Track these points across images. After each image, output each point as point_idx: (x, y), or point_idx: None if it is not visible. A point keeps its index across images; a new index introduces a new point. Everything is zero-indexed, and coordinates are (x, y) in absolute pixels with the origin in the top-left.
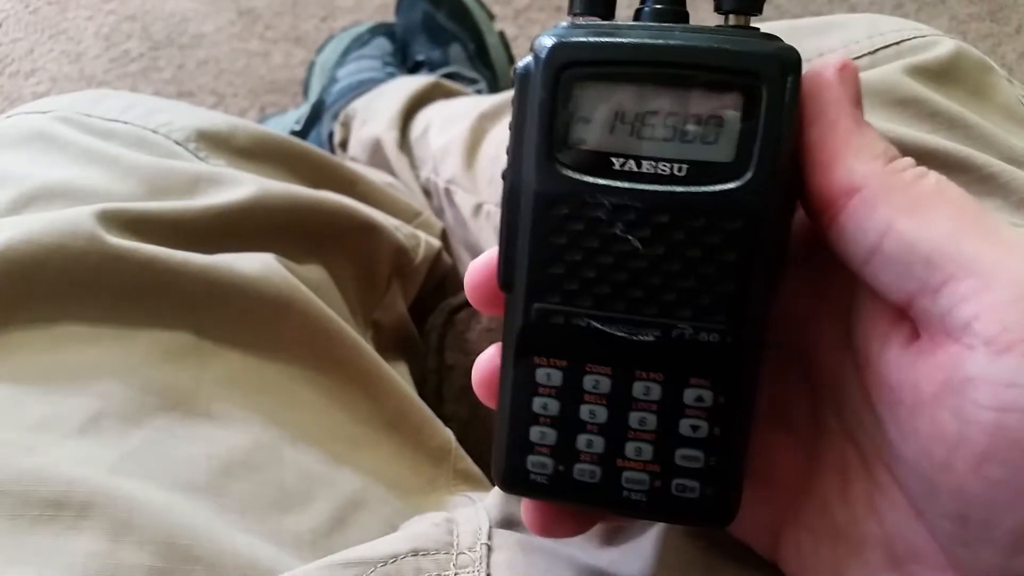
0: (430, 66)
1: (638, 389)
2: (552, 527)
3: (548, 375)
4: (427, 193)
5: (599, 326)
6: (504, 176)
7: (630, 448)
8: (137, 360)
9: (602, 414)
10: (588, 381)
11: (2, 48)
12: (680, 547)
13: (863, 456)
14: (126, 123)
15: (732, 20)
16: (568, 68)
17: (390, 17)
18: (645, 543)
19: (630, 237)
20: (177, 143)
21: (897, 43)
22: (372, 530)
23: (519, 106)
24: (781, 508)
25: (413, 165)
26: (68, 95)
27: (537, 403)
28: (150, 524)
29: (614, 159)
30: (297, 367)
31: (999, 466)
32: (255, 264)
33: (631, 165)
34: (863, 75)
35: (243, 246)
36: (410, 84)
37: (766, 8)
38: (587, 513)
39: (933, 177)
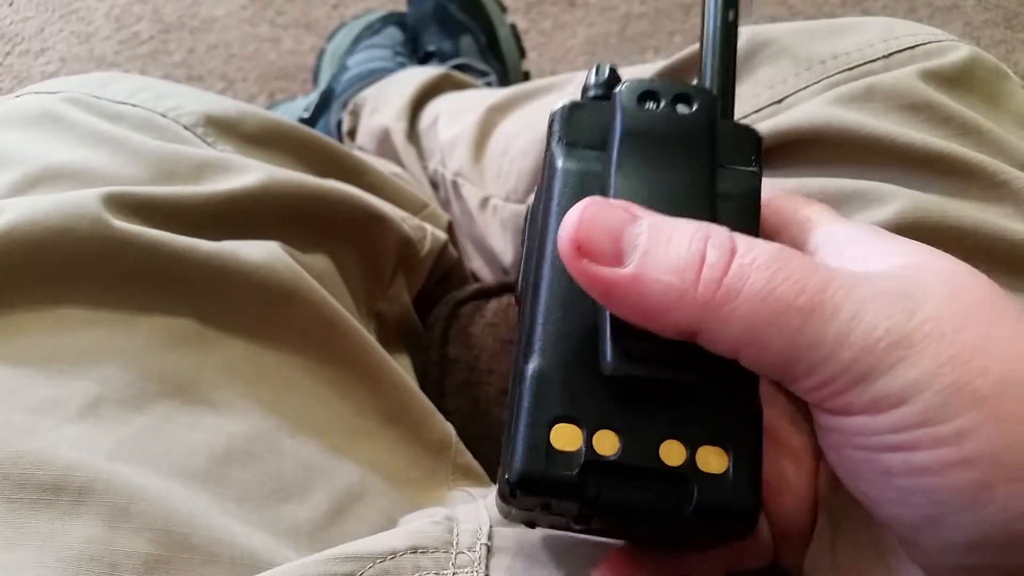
0: (441, 57)
1: None
2: None
3: None
4: (434, 185)
5: None
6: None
7: None
8: (139, 345)
9: None
10: None
11: (13, 26)
12: None
13: None
14: (135, 106)
15: None
16: None
17: (401, 5)
18: None
19: None
20: (185, 127)
21: (912, 47)
22: (370, 523)
23: None
24: (807, 520)
25: (421, 156)
26: (78, 76)
27: None
28: (148, 511)
29: None
30: (299, 356)
31: (869, 486)
32: (260, 252)
33: None
34: (877, 78)
35: (249, 233)
36: (420, 75)
37: (778, 8)
38: None
39: (754, 277)
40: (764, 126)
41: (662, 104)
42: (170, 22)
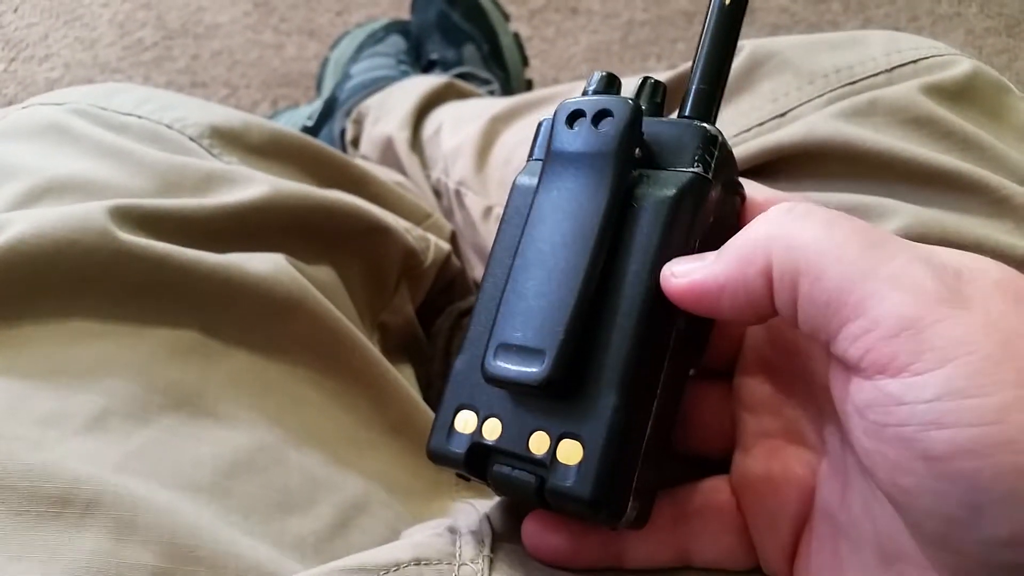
0: (444, 65)
1: None
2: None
3: None
4: (437, 194)
5: None
6: None
7: None
8: (144, 358)
9: None
10: None
11: (17, 33)
12: None
13: (860, 461)
14: (140, 117)
15: None
16: None
17: (405, 12)
18: None
19: None
20: (191, 139)
21: (914, 61)
22: (374, 534)
23: None
24: (799, 520)
25: (424, 165)
26: (82, 87)
27: None
28: (154, 524)
29: None
30: (303, 368)
31: (907, 475)
32: (266, 264)
33: None
34: (880, 92)
35: (254, 245)
36: (423, 83)
37: (782, 16)
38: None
39: (820, 215)
40: (767, 140)
41: (586, 121)
42: (174, 28)
